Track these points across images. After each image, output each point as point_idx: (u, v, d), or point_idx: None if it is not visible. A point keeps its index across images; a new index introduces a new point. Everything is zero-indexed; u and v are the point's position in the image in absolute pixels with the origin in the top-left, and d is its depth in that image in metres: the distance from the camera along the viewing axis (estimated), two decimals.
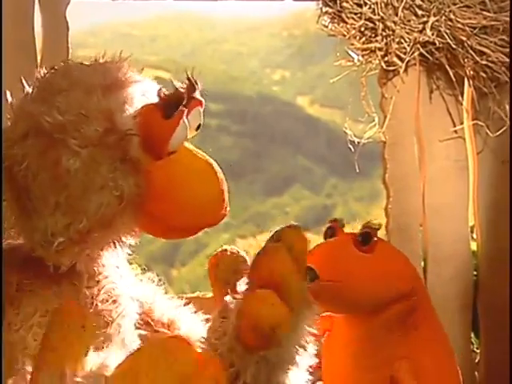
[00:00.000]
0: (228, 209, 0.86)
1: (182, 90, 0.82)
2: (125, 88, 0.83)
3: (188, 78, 0.83)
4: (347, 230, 1.07)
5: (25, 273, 0.84)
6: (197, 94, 0.84)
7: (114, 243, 0.86)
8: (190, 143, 0.87)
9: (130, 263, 0.97)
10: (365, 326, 1.00)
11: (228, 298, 0.82)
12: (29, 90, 0.84)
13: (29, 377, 0.70)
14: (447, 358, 1.05)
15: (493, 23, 1.40)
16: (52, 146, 0.78)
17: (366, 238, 1.00)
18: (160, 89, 0.82)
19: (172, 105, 0.80)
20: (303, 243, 0.80)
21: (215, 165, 0.86)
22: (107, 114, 0.79)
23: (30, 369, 0.70)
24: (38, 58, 1.30)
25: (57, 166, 0.77)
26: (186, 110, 0.81)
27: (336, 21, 1.38)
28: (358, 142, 1.41)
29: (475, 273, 1.48)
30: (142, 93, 0.84)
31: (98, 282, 0.87)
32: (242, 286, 0.80)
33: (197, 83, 0.83)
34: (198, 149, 0.87)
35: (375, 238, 1.01)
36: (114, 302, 0.87)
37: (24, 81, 0.85)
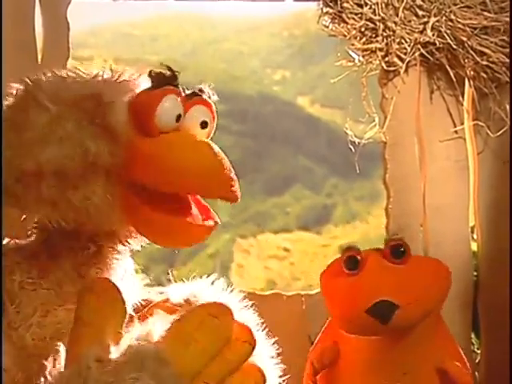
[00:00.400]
0: (234, 186, 0.83)
1: (175, 73, 0.82)
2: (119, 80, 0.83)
3: (200, 89, 0.83)
4: (347, 229, 1.06)
5: (29, 272, 0.84)
6: (203, 96, 0.84)
7: (116, 243, 0.85)
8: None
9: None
10: (400, 334, 0.96)
11: None
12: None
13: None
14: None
15: (493, 24, 1.40)
16: (25, 98, 0.79)
17: (400, 251, 0.97)
18: (151, 70, 0.82)
19: (161, 80, 0.80)
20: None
21: (216, 147, 0.84)
22: (94, 91, 0.79)
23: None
24: (39, 58, 1.30)
25: (23, 115, 0.78)
26: (175, 89, 0.81)
27: (337, 21, 1.38)
28: (359, 143, 1.41)
29: (475, 273, 1.48)
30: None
31: None
32: None
33: (207, 91, 0.83)
34: None
35: (405, 248, 0.97)
36: None
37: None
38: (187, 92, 0.83)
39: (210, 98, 0.84)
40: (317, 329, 1.08)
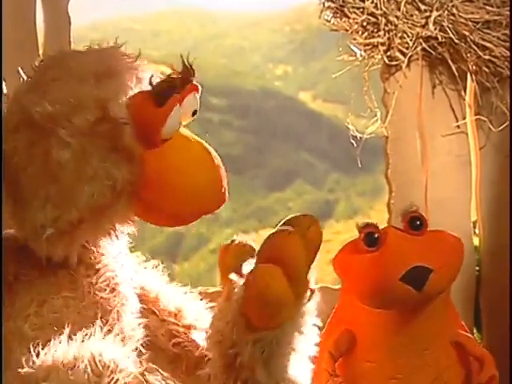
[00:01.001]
0: (227, 194, 0.85)
1: (174, 77, 0.81)
2: (119, 75, 0.82)
3: (183, 64, 0.82)
4: (349, 225, 1.06)
5: (22, 262, 0.84)
6: (192, 80, 0.83)
7: (110, 233, 0.85)
8: (187, 130, 0.86)
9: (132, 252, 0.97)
10: (426, 308, 0.98)
11: (234, 278, 0.82)
12: (24, 79, 0.84)
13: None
14: None
15: (496, 18, 1.39)
16: (42, 137, 0.78)
17: (418, 223, 0.98)
18: (152, 76, 0.81)
19: (164, 92, 0.79)
20: (317, 233, 0.80)
21: (212, 150, 0.85)
22: (99, 102, 0.78)
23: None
24: (40, 52, 1.30)
25: (47, 158, 0.77)
26: (178, 97, 0.80)
27: (338, 15, 1.38)
28: (361, 137, 1.41)
29: (477, 268, 1.48)
30: (138, 80, 0.83)
31: (97, 270, 0.87)
32: (248, 267, 0.80)
33: (192, 68, 0.82)
34: None
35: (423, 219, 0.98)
36: (113, 290, 0.87)
37: (21, 70, 0.84)
38: (179, 78, 0.82)
39: (192, 69, 0.83)
40: (320, 323, 1.08)
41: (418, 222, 0.97)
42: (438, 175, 1.45)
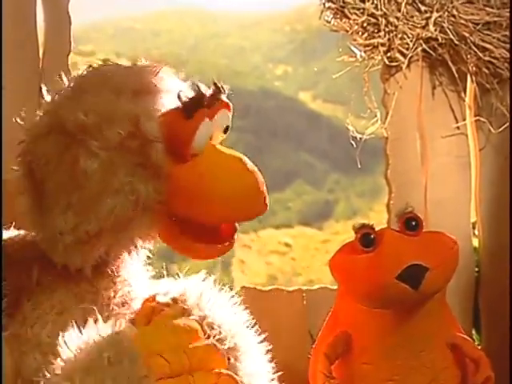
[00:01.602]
0: (267, 202, 0.85)
1: (203, 91, 0.81)
2: (155, 94, 0.82)
3: (214, 84, 0.82)
4: (349, 225, 1.06)
5: (47, 269, 0.83)
6: (223, 97, 0.83)
7: (130, 247, 0.85)
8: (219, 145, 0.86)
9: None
10: (422, 308, 0.97)
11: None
12: (65, 85, 0.84)
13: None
14: None
15: (496, 19, 1.39)
16: (72, 145, 0.78)
17: (414, 223, 0.97)
18: (180, 91, 0.81)
19: (193, 106, 0.80)
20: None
21: (244, 158, 0.84)
22: (133, 118, 0.78)
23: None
24: (40, 52, 1.30)
25: (74, 166, 0.77)
26: (206, 111, 0.80)
27: (339, 16, 1.38)
28: (361, 138, 1.41)
29: (477, 269, 1.48)
30: (170, 101, 0.83)
31: (114, 283, 0.87)
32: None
33: (223, 88, 0.83)
34: None
35: (418, 220, 0.98)
36: (128, 304, 0.87)
37: (64, 76, 0.84)
38: (209, 94, 0.82)
39: (225, 92, 0.83)
40: (317, 324, 1.08)
41: (414, 223, 0.97)
42: (437, 176, 1.45)
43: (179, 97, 0.80)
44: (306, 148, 4.96)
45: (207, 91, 0.82)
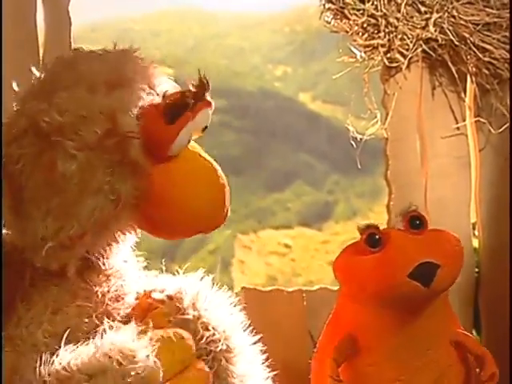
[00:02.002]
0: (228, 214, 0.85)
1: (187, 94, 0.80)
2: (131, 84, 0.80)
3: (200, 79, 0.81)
4: (348, 226, 1.05)
5: (39, 269, 0.83)
6: (206, 96, 0.82)
7: (111, 243, 0.85)
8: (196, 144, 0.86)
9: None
10: (427, 307, 0.97)
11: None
12: (34, 80, 0.83)
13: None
14: None
15: (496, 20, 1.39)
16: (48, 148, 0.76)
17: (418, 222, 0.97)
18: (166, 91, 0.80)
19: (177, 109, 0.79)
20: None
21: (218, 168, 0.84)
22: (109, 114, 0.77)
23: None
24: (40, 53, 1.30)
25: (52, 170, 0.75)
26: (190, 115, 0.80)
27: (338, 17, 1.38)
28: (360, 139, 1.41)
29: (477, 269, 1.48)
30: (151, 87, 0.82)
31: (107, 277, 0.86)
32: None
33: (208, 84, 0.82)
34: (200, 145, 0.86)
35: (423, 218, 0.97)
36: (122, 299, 0.87)
37: (34, 69, 0.83)
38: (192, 92, 0.81)
39: (207, 84, 0.82)
40: (317, 324, 1.08)
41: (418, 222, 0.97)
42: (437, 177, 1.45)
43: (164, 97, 0.79)
44: (305, 149, 4.96)
45: (190, 89, 0.81)
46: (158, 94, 0.81)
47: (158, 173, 0.80)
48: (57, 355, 0.72)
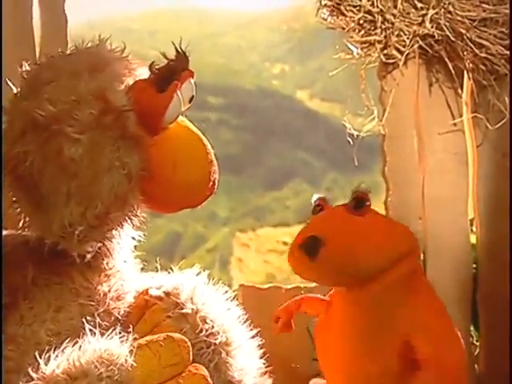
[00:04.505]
0: (214, 189, 0.86)
1: (173, 63, 0.81)
2: (111, 65, 0.82)
3: (177, 51, 0.82)
4: None
5: (41, 267, 0.83)
6: (188, 66, 0.83)
7: (132, 218, 0.86)
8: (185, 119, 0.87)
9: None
10: (367, 296, 0.98)
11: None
12: (17, 88, 0.84)
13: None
14: (449, 321, 1.04)
15: (492, 16, 1.39)
16: (51, 137, 0.77)
17: (360, 200, 0.99)
18: (152, 63, 0.81)
19: (165, 79, 0.80)
20: None
21: (206, 144, 0.85)
22: (98, 94, 0.78)
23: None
24: (37, 51, 1.30)
25: (60, 157, 0.77)
26: (179, 84, 0.81)
27: (335, 14, 1.38)
28: (358, 136, 1.41)
29: (474, 265, 1.48)
30: (130, 71, 0.83)
31: (108, 277, 0.87)
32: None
33: (186, 54, 0.83)
34: None
35: (368, 203, 0.99)
36: (123, 298, 0.87)
37: (9, 81, 0.85)
38: (174, 65, 0.82)
39: (185, 56, 0.83)
40: (316, 321, 1.08)
41: (359, 203, 0.99)
42: (435, 173, 1.45)
43: (151, 69, 0.80)
44: (303, 146, 4.96)
45: (173, 60, 0.82)
46: (138, 74, 0.82)
47: (153, 145, 0.81)
48: (48, 357, 0.73)
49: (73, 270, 0.84)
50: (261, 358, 0.94)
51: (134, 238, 0.91)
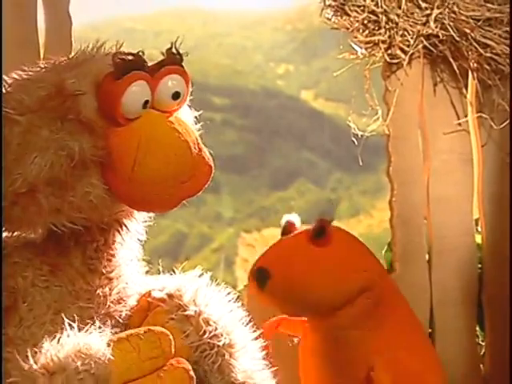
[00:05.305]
0: (189, 194, 0.83)
1: (142, 57, 0.81)
2: (89, 61, 0.82)
3: (167, 49, 0.82)
4: (352, 223, 1.06)
5: (41, 269, 0.83)
6: (173, 63, 0.82)
7: (119, 228, 0.85)
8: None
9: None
10: (329, 327, 0.97)
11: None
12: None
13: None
14: (422, 348, 1.02)
15: (497, 15, 1.39)
16: (2, 119, 0.79)
17: (320, 231, 0.97)
18: (116, 53, 0.81)
19: (124, 67, 0.79)
20: None
21: (185, 144, 0.81)
22: (59, 82, 0.79)
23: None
24: (41, 53, 1.30)
25: (3, 138, 0.78)
26: (142, 74, 0.79)
27: (339, 14, 1.38)
28: (362, 136, 1.41)
29: (480, 265, 1.48)
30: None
31: (110, 280, 0.87)
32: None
33: (179, 53, 0.82)
34: (203, 144, 0.85)
35: (329, 230, 0.97)
36: (124, 301, 0.87)
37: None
38: (154, 63, 0.82)
39: (179, 56, 0.83)
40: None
41: (318, 232, 0.97)
42: (439, 173, 1.45)
43: (113, 58, 0.80)
44: (308, 147, 4.96)
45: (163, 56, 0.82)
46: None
47: (115, 136, 0.79)
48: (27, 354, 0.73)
49: (72, 273, 0.84)
50: (266, 359, 0.93)
51: (138, 241, 0.91)
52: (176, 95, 0.83)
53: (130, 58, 0.79)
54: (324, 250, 0.97)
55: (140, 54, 0.80)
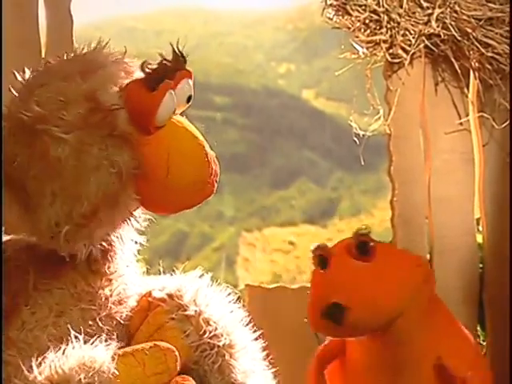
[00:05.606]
0: (213, 189, 0.86)
1: (166, 64, 0.81)
2: (104, 67, 0.82)
3: (173, 51, 0.82)
4: (353, 223, 1.06)
5: (42, 272, 0.84)
6: (184, 66, 0.83)
7: (127, 219, 0.86)
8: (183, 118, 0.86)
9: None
10: (393, 335, 0.97)
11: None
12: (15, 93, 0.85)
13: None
14: (466, 334, 1.05)
15: (498, 15, 1.39)
16: (37, 138, 0.78)
17: (363, 247, 0.97)
18: (144, 62, 0.81)
19: (157, 78, 0.80)
20: None
21: (204, 144, 0.85)
22: (89, 94, 0.79)
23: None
24: (43, 52, 1.30)
25: (46, 157, 0.77)
26: (171, 83, 0.81)
27: (340, 13, 1.38)
28: (363, 135, 1.41)
29: (481, 265, 1.48)
30: (128, 74, 0.83)
31: (110, 281, 0.87)
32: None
33: (183, 55, 0.83)
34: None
35: (372, 244, 0.97)
36: (125, 302, 0.87)
37: (12, 88, 0.85)
38: (170, 64, 0.82)
39: (182, 57, 0.83)
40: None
41: (366, 247, 0.96)
42: (440, 173, 1.45)
43: (143, 69, 0.80)
44: (309, 146, 4.96)
45: (168, 60, 0.82)
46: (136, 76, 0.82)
47: (147, 144, 0.81)
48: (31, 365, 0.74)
49: (74, 275, 0.84)
50: (267, 359, 0.93)
51: (137, 242, 0.91)
52: (189, 98, 0.85)
53: (157, 67, 0.80)
54: (375, 263, 0.96)
55: (164, 62, 0.81)
